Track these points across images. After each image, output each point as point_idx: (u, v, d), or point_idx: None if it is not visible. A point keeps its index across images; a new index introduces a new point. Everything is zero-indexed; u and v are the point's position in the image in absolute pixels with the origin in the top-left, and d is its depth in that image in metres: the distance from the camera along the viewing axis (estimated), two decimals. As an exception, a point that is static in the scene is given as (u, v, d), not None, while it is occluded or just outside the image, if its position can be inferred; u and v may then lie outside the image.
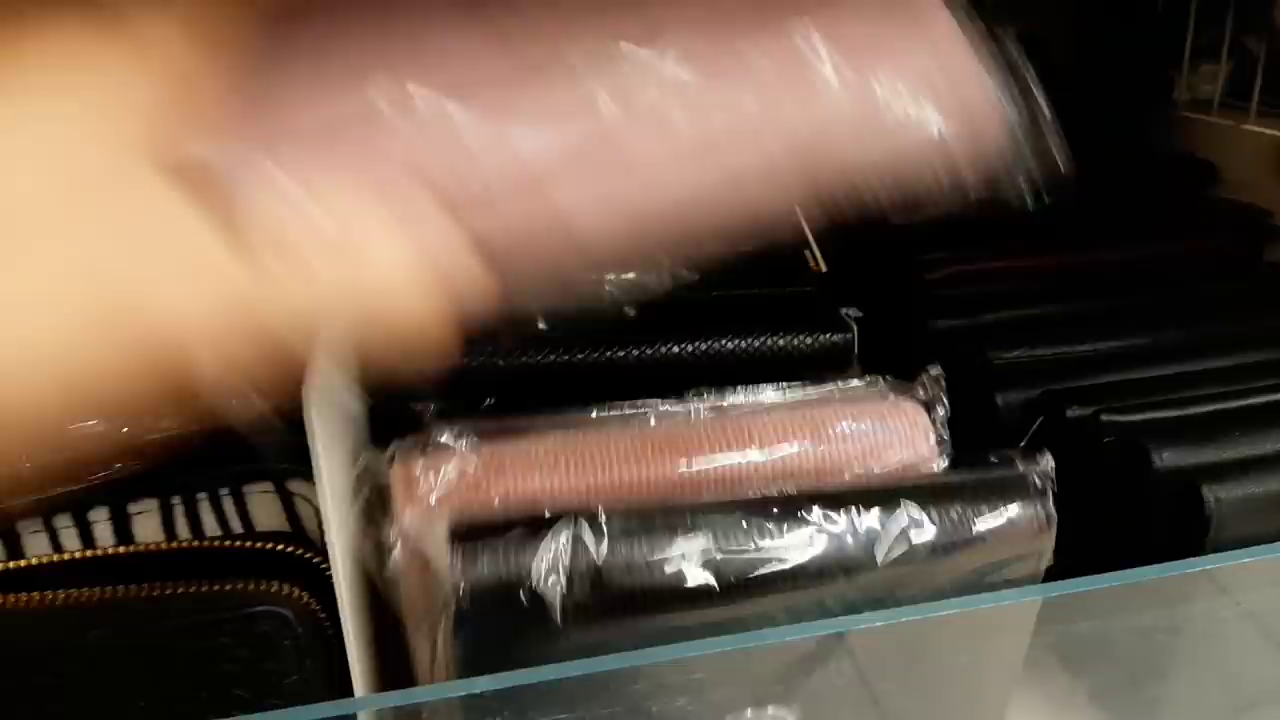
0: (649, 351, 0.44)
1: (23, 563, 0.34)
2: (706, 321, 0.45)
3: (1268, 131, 0.61)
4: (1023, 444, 0.45)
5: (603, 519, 0.34)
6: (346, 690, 0.34)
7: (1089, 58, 0.73)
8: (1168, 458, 0.40)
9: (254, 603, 0.32)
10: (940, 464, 0.39)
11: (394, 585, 0.34)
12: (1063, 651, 0.42)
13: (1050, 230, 0.57)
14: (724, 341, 0.44)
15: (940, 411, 0.40)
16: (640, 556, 0.33)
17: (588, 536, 0.33)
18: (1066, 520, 0.40)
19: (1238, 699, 0.41)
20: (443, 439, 0.37)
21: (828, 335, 0.45)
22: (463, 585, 0.32)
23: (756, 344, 0.45)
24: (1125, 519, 0.41)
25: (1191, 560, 0.37)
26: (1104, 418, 0.42)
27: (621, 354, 0.44)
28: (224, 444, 0.38)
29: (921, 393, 0.40)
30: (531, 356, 0.43)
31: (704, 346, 0.44)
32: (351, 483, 0.36)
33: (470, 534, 0.33)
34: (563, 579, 0.33)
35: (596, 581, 0.33)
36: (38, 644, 0.32)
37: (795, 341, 0.45)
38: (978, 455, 0.39)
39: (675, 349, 0.44)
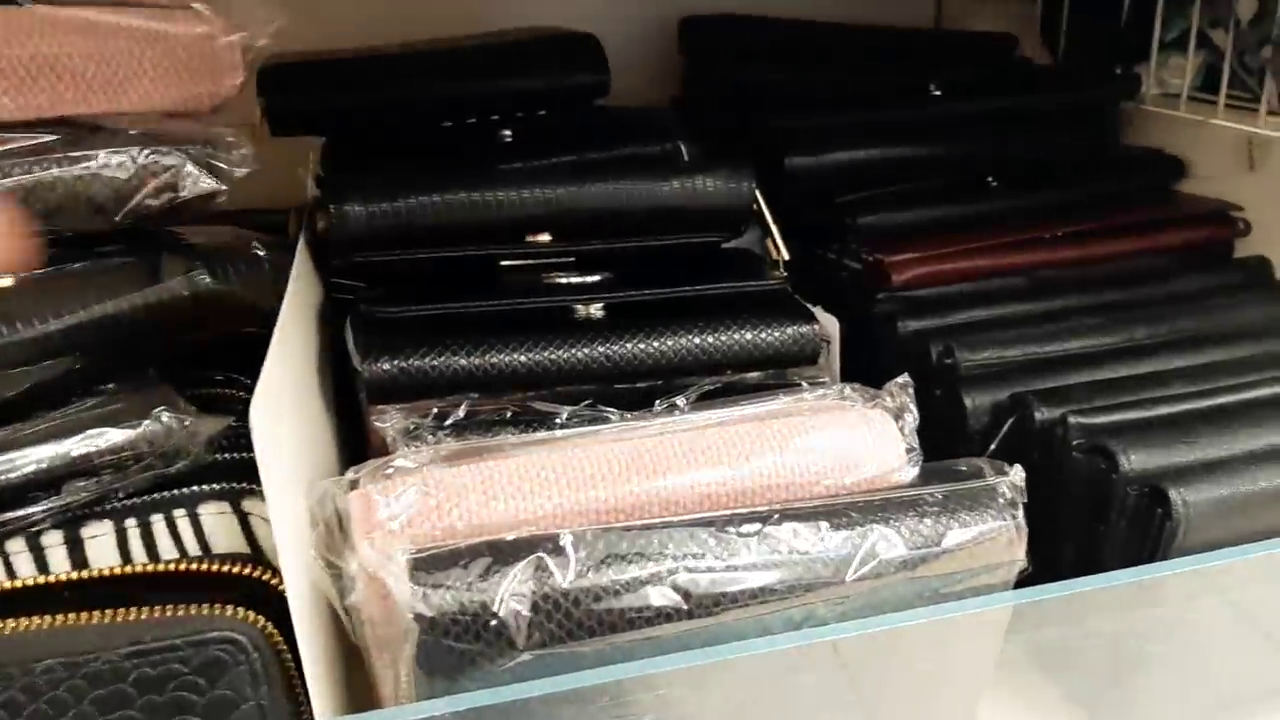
0: (617, 348, 0.44)
1: (-27, 591, 0.33)
2: (676, 316, 0.45)
3: (1235, 126, 0.60)
4: (992, 447, 0.45)
5: (567, 544, 0.33)
6: (306, 715, 0.34)
7: (1058, 53, 0.72)
8: (1135, 460, 0.39)
9: (206, 628, 0.32)
10: (910, 473, 0.38)
11: (355, 615, 0.34)
12: (1036, 654, 0.42)
13: (1021, 229, 0.57)
14: (693, 336, 0.44)
15: (909, 420, 0.39)
16: (606, 580, 0.33)
17: (551, 563, 0.33)
18: (1036, 523, 0.40)
19: (1210, 699, 0.41)
20: (401, 463, 0.37)
21: (795, 328, 0.45)
22: (424, 616, 0.32)
23: (725, 339, 0.44)
24: (1094, 521, 0.40)
25: (1160, 565, 0.37)
26: (1071, 420, 0.42)
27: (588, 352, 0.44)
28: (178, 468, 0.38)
29: (890, 401, 0.40)
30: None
31: (673, 342, 0.44)
32: (309, 509, 0.36)
33: (431, 564, 0.32)
34: (526, 607, 0.32)
35: (561, 608, 0.32)
36: (-14, 675, 0.31)
37: (764, 335, 0.45)
38: (948, 465, 0.38)
39: (643, 346, 0.44)
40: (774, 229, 0.52)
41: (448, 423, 0.41)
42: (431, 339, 0.42)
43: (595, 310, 0.45)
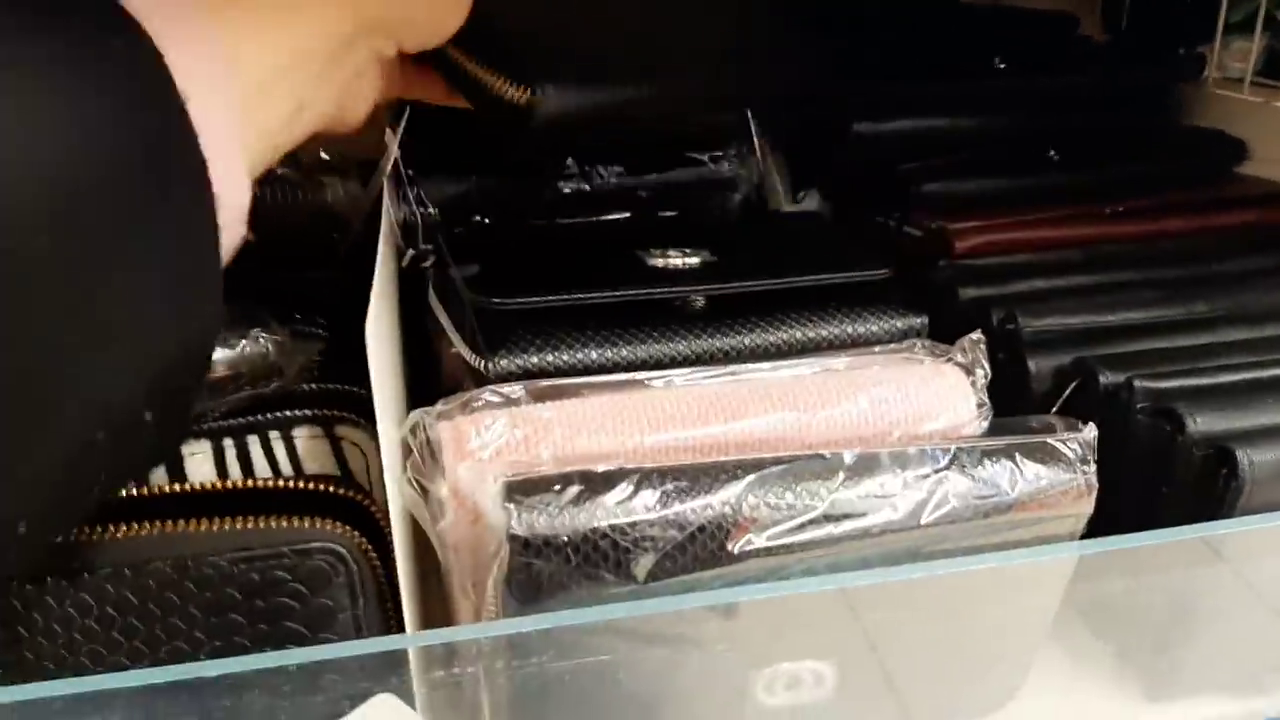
0: (726, 341, 0.44)
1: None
2: (783, 307, 0.44)
3: (1299, 109, 0.61)
4: (1054, 410, 0.46)
5: (655, 476, 0.34)
6: (395, 628, 0.35)
7: (1121, 33, 0.73)
8: (1201, 422, 0.40)
9: (309, 539, 0.33)
10: (980, 427, 0.39)
11: (443, 537, 0.35)
12: (1087, 611, 0.43)
13: (1081, 203, 0.58)
14: (801, 329, 0.44)
15: (980, 375, 0.40)
16: (690, 512, 0.34)
17: (641, 493, 0.34)
18: (1099, 485, 0.40)
19: (1265, 661, 0.42)
20: (489, 397, 0.38)
21: (904, 319, 0.46)
22: (518, 537, 0.33)
23: (832, 331, 0.45)
24: (1158, 484, 0.41)
25: (1225, 522, 0.38)
26: (1136, 384, 0.43)
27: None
28: (273, 389, 0.39)
29: (961, 357, 0.41)
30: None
31: (781, 335, 0.44)
32: (402, 437, 0.37)
33: (524, 487, 0.34)
34: (616, 534, 0.33)
35: (647, 537, 0.33)
36: (100, 576, 0.33)
37: (871, 327, 0.45)
38: (1018, 420, 0.39)
39: (751, 339, 0.44)
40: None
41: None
42: (550, 333, 0.41)
43: (699, 299, 0.45)
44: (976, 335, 0.41)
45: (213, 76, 0.27)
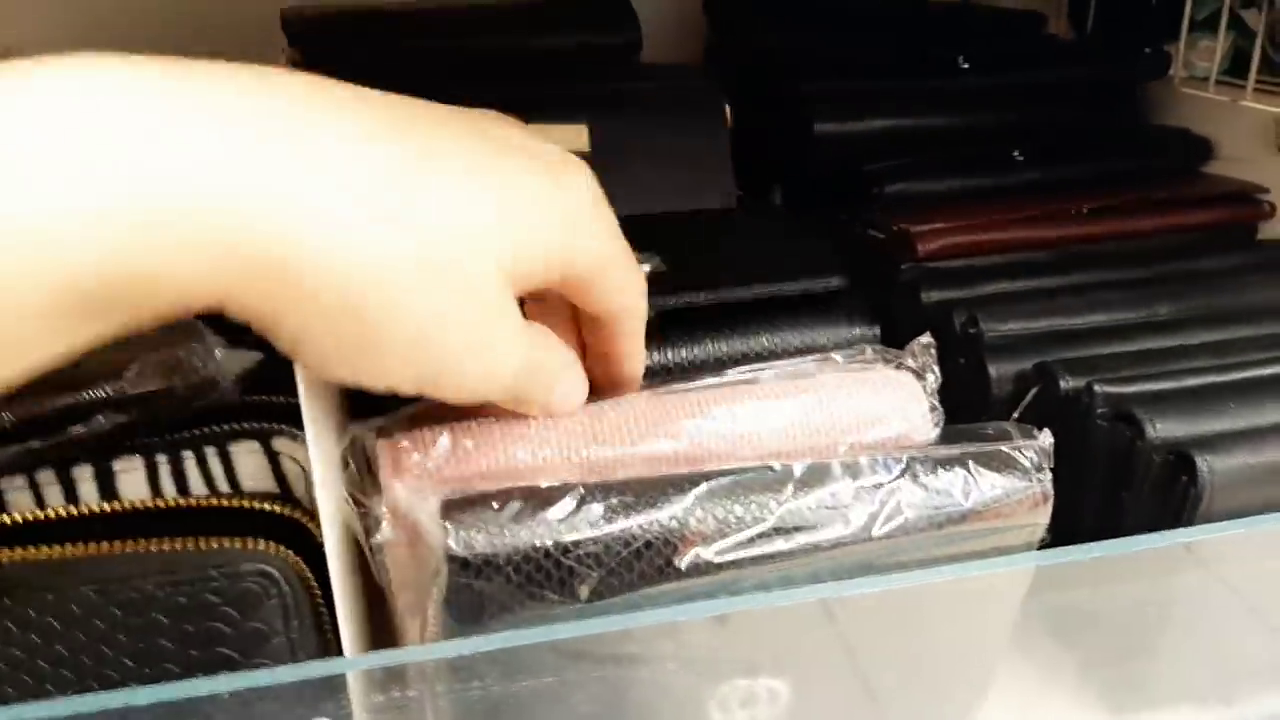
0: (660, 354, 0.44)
1: (6, 519, 0.33)
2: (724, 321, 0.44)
3: (1264, 108, 0.60)
4: (1015, 415, 0.45)
5: (597, 492, 0.33)
6: (333, 651, 0.34)
7: (1087, 32, 0.72)
8: (1161, 428, 0.40)
9: (239, 560, 0.32)
10: (933, 434, 0.38)
11: (380, 554, 0.34)
12: (1052, 622, 0.42)
13: (1044, 203, 0.57)
14: (743, 342, 0.44)
15: (931, 380, 0.39)
16: (636, 528, 0.33)
17: (582, 509, 0.33)
18: (1059, 491, 0.40)
19: (1227, 672, 0.42)
20: (429, 409, 0.37)
21: (858, 329, 0.46)
22: (456, 556, 0.32)
23: (783, 342, 0.45)
24: (1118, 490, 0.41)
25: (1185, 530, 0.37)
26: (1097, 389, 0.42)
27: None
28: (209, 402, 0.38)
29: (912, 361, 0.40)
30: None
31: (727, 347, 0.44)
32: (340, 452, 0.36)
33: (464, 505, 0.33)
34: (560, 552, 0.32)
35: (590, 555, 0.32)
36: (23, 600, 0.31)
37: (823, 338, 0.45)
38: (972, 428, 0.39)
39: (696, 351, 0.44)
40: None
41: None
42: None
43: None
44: (926, 339, 0.40)
45: None
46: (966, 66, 0.62)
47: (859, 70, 0.61)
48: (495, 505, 0.32)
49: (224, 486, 0.36)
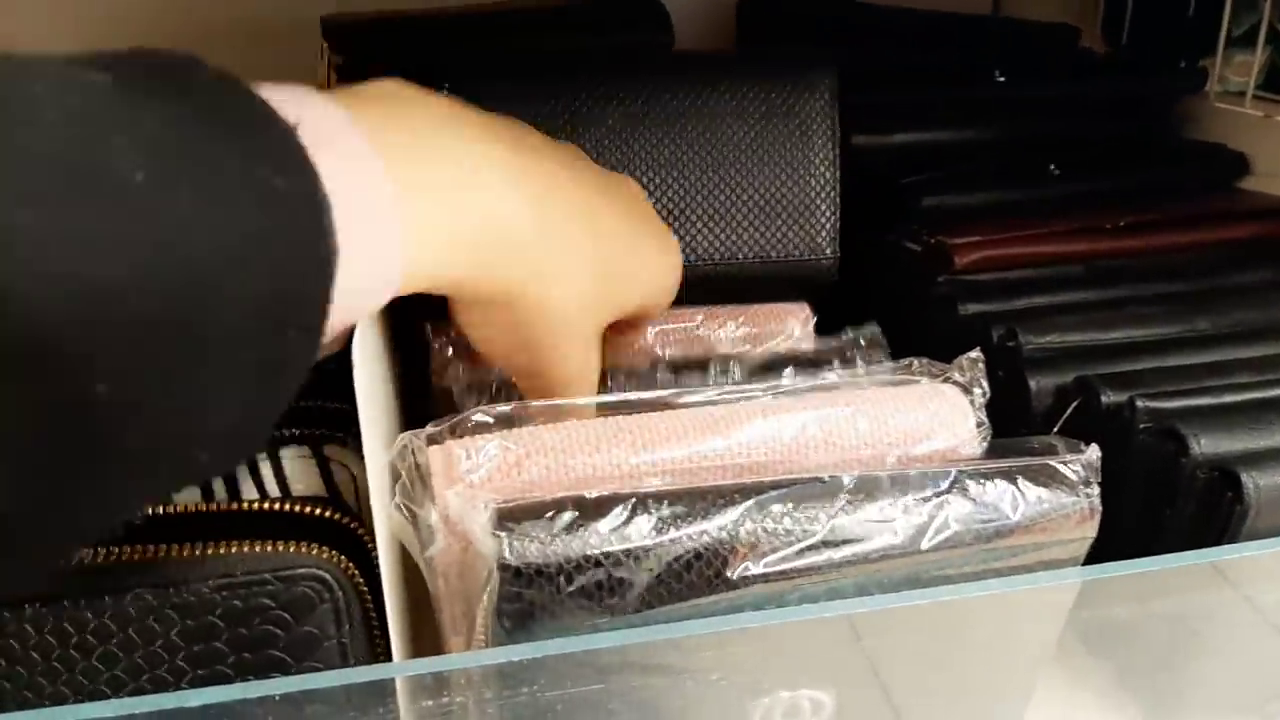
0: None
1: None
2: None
3: (1301, 124, 0.60)
4: (1055, 430, 0.45)
5: (651, 500, 0.33)
6: (384, 656, 0.34)
7: (1122, 46, 0.72)
8: (1205, 444, 0.39)
9: (294, 564, 0.32)
10: (980, 447, 0.38)
11: (432, 563, 0.34)
12: (1088, 635, 0.42)
13: (1082, 218, 0.57)
14: None
15: (979, 394, 0.39)
16: (687, 538, 0.33)
17: (634, 520, 0.33)
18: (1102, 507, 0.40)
19: (1266, 686, 0.41)
20: (480, 419, 0.37)
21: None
22: (508, 565, 0.32)
23: None
24: (1160, 506, 0.41)
25: (1230, 547, 0.37)
26: (1139, 403, 0.42)
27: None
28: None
29: (959, 376, 0.40)
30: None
31: None
32: (390, 461, 0.36)
33: (516, 514, 0.33)
34: (611, 563, 0.32)
35: (642, 564, 0.33)
36: (81, 602, 0.32)
37: None
38: (1019, 441, 0.39)
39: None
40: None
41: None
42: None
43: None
44: (975, 354, 0.40)
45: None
46: (1002, 80, 0.62)
47: (895, 83, 0.61)
48: (548, 515, 0.33)
49: (274, 491, 0.37)
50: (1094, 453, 0.37)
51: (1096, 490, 0.36)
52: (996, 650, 0.39)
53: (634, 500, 0.33)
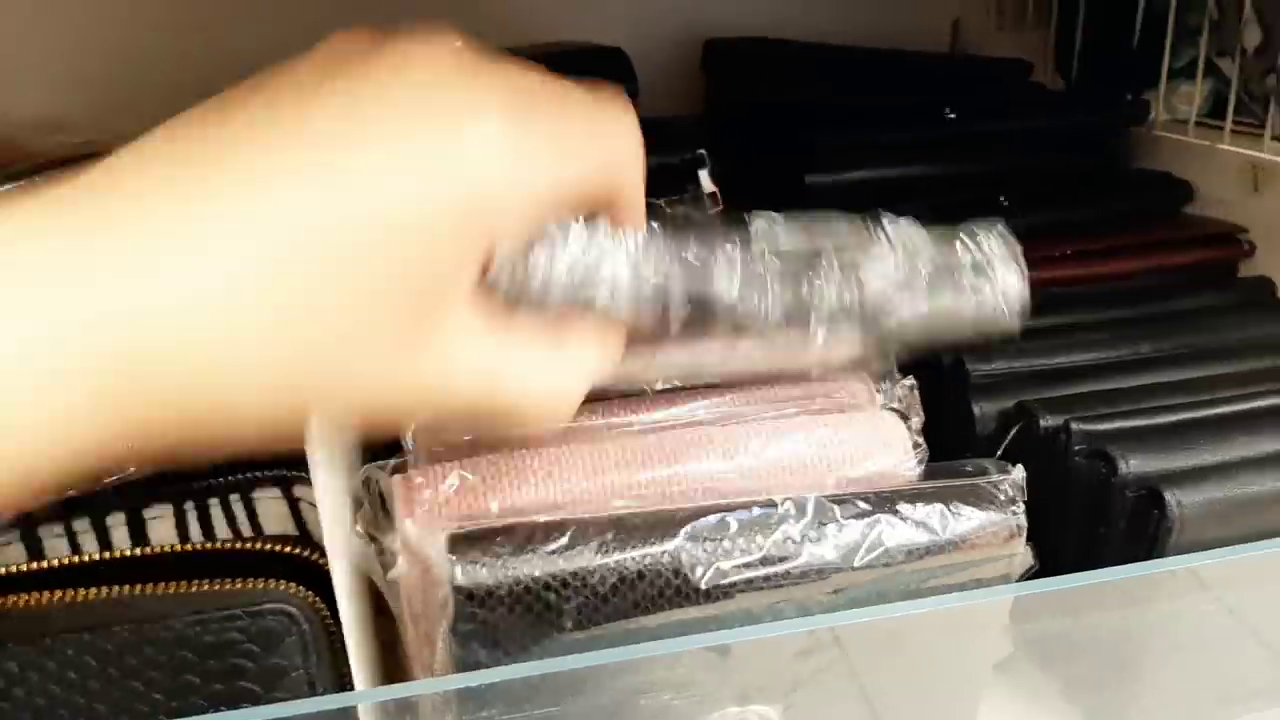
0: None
1: (44, 564, 0.36)
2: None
3: (1242, 151, 0.63)
4: (999, 452, 0.47)
5: (594, 526, 0.36)
6: (350, 685, 0.36)
7: (1070, 80, 0.75)
8: (1134, 464, 0.41)
9: (262, 600, 0.34)
10: (916, 470, 0.40)
11: (395, 589, 0.36)
12: (1036, 649, 0.44)
13: (1030, 247, 0.59)
14: None
15: (915, 421, 0.42)
16: (630, 560, 0.35)
17: (582, 543, 0.35)
18: (1040, 526, 0.41)
19: (1203, 697, 0.43)
20: (438, 449, 0.39)
21: None
22: (462, 588, 0.34)
23: None
24: (1094, 525, 0.42)
25: (1157, 561, 0.39)
26: (1074, 426, 0.44)
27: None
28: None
29: (897, 404, 0.42)
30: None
31: None
32: (353, 491, 0.38)
33: (469, 539, 0.35)
34: (559, 584, 0.34)
35: (592, 585, 0.35)
36: (65, 640, 0.34)
37: None
38: (952, 464, 0.41)
39: None
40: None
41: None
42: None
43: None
44: (910, 382, 0.42)
45: None
46: (953, 116, 0.65)
47: (850, 122, 0.64)
48: (499, 540, 0.35)
49: (247, 530, 0.39)
50: (1019, 473, 0.39)
51: (1022, 509, 0.38)
52: (939, 667, 0.41)
53: (576, 526, 0.35)
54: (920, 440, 0.41)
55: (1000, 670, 0.43)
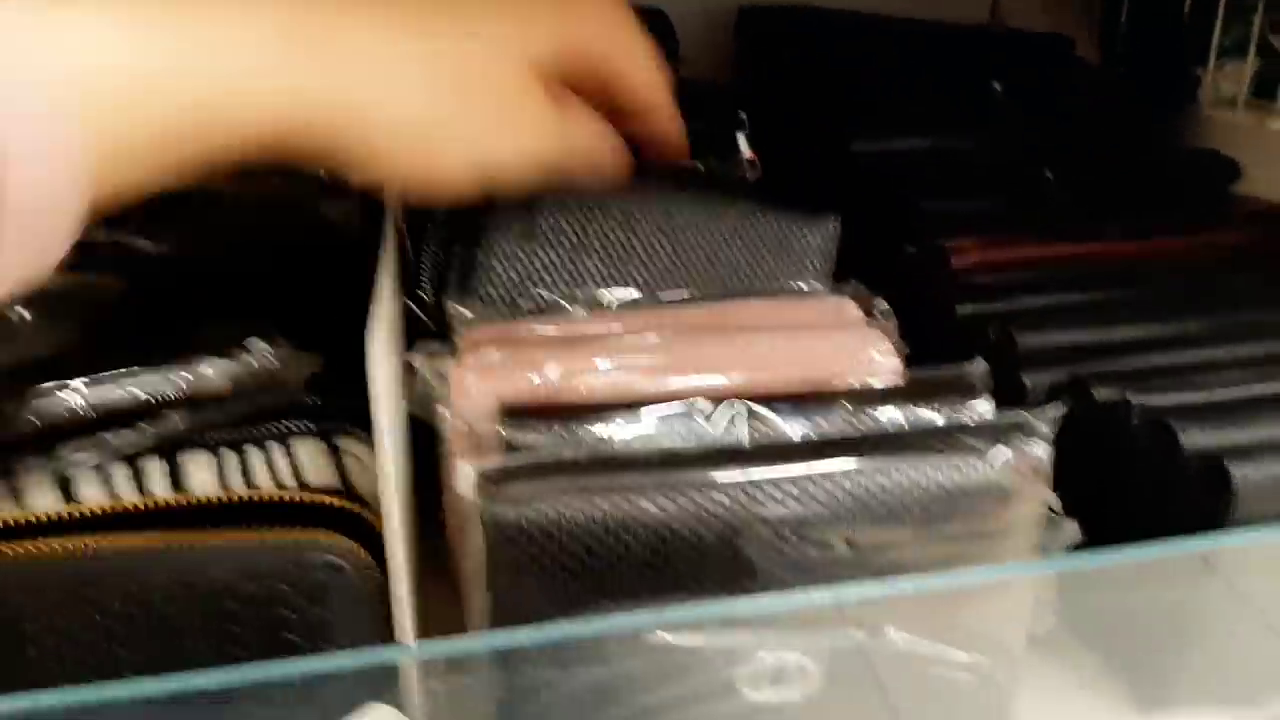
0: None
1: (81, 511, 0.35)
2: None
3: (1292, 130, 0.61)
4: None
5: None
6: (394, 640, 0.35)
7: (1116, 55, 0.73)
8: (1195, 438, 0.40)
9: (309, 550, 0.33)
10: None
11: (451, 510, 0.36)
12: (1081, 624, 0.43)
13: (1077, 222, 0.58)
14: None
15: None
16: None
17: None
18: (1095, 501, 0.41)
19: (1256, 675, 0.42)
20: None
21: None
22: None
23: None
24: (1152, 499, 0.42)
25: (1207, 537, 0.38)
26: (1131, 399, 0.43)
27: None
28: (275, 401, 0.39)
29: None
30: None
31: None
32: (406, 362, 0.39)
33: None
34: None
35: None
36: (98, 589, 0.33)
37: None
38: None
39: None
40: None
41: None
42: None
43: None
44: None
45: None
46: (999, 88, 0.63)
47: (895, 91, 0.62)
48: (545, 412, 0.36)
49: (289, 481, 0.38)
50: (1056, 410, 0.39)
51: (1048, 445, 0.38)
52: (980, 634, 0.40)
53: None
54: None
55: (1043, 646, 0.42)
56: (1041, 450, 0.38)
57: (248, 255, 0.44)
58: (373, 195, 0.45)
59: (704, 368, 0.41)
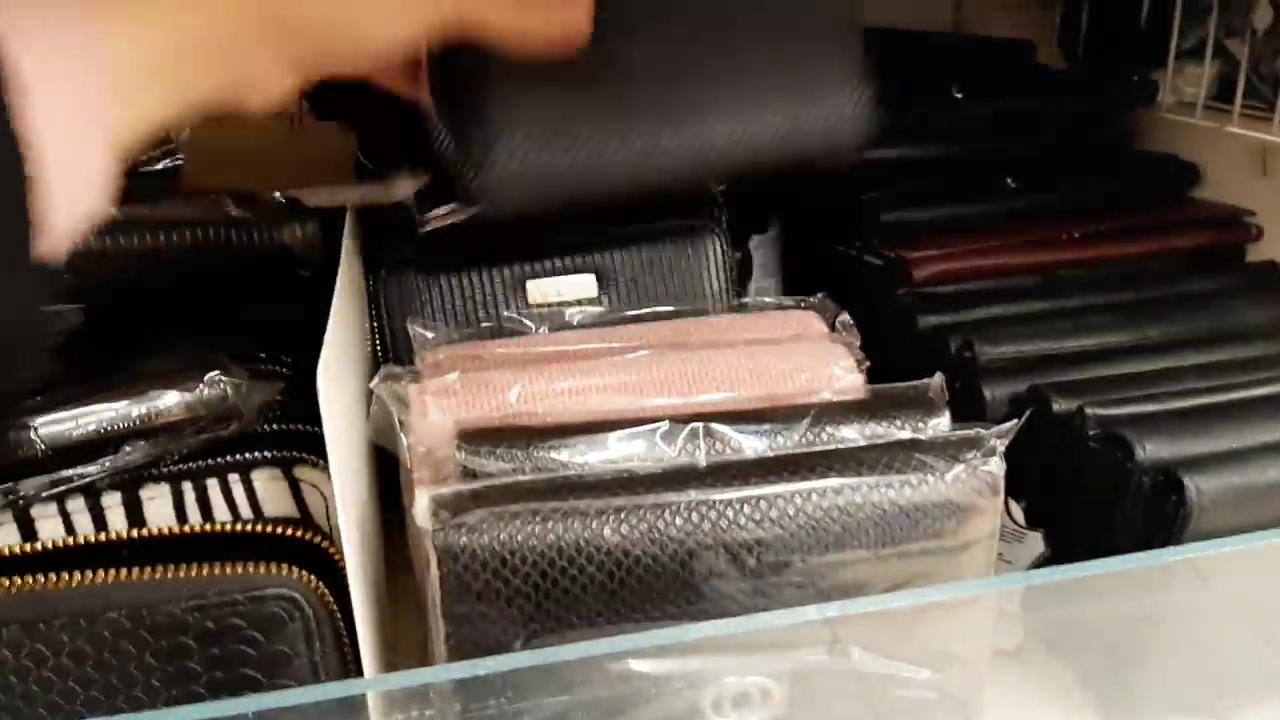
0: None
1: (39, 546, 0.35)
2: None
3: (1249, 134, 0.62)
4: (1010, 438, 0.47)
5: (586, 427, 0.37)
6: (354, 673, 0.35)
7: (1076, 60, 0.74)
8: (1150, 449, 0.41)
9: (264, 585, 0.33)
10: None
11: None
12: (1049, 637, 0.44)
13: (1038, 230, 0.59)
14: None
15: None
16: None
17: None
18: (1054, 512, 0.41)
19: (1216, 684, 0.43)
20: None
21: None
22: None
23: None
24: (1110, 510, 0.42)
25: (1173, 549, 0.38)
26: (1088, 411, 0.43)
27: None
28: (233, 431, 0.39)
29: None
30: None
31: None
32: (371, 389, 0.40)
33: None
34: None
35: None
36: (59, 626, 0.33)
37: None
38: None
39: None
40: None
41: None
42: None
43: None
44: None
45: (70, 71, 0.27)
46: (960, 96, 0.64)
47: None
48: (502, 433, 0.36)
49: (247, 513, 0.37)
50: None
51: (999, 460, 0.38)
52: (943, 651, 0.40)
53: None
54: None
55: (1013, 657, 0.42)
56: (997, 466, 0.38)
57: (205, 283, 0.44)
58: (331, 221, 0.45)
59: (664, 387, 0.41)
